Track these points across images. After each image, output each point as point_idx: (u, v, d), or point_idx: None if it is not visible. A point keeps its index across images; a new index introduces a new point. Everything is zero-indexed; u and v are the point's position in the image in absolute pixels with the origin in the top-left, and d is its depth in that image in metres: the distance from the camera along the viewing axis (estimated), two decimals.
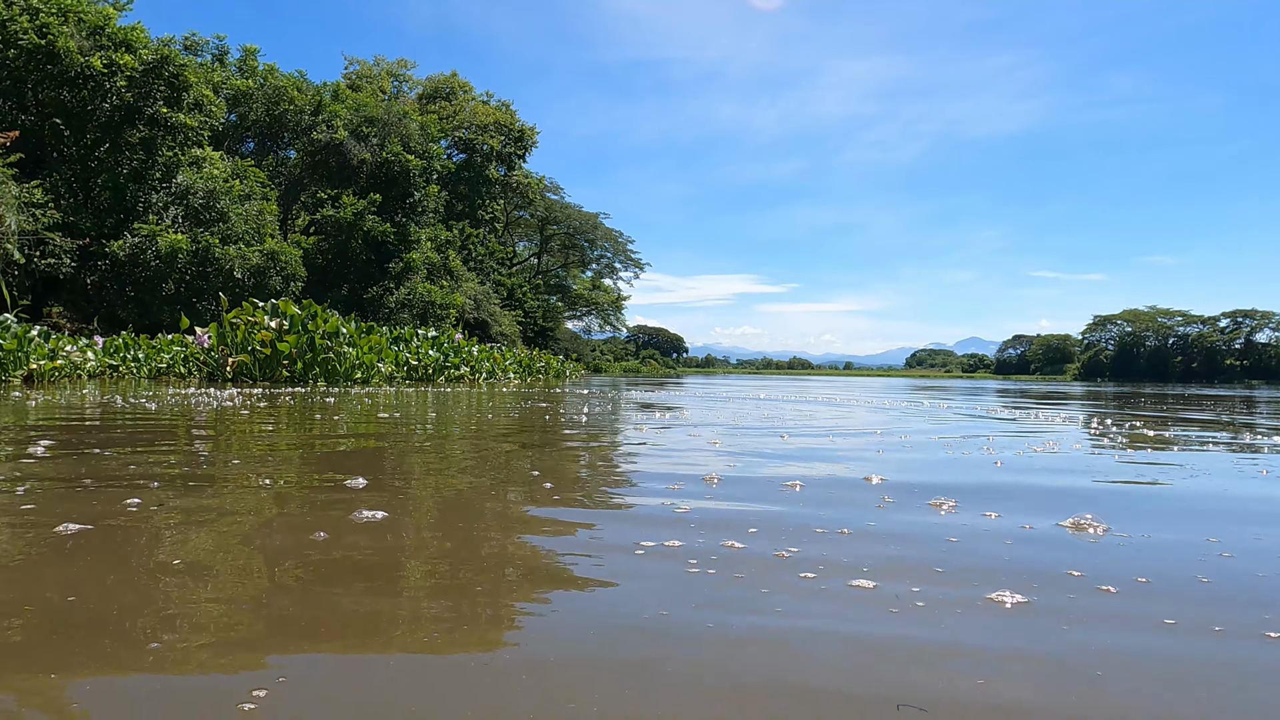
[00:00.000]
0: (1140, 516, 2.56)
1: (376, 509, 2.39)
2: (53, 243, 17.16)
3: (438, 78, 47.16)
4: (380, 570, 1.78)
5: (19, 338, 10.48)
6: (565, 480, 3.15)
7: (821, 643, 1.40)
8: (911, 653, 1.35)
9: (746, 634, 1.41)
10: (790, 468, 3.59)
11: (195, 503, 2.49)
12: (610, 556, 1.93)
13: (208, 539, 2.04)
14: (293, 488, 2.84)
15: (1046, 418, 8.16)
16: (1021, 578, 1.80)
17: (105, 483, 2.83)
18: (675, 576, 1.75)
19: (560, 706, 1.11)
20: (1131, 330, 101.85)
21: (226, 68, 28.67)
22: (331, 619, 1.45)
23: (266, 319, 13.14)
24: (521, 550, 2.01)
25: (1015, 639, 1.43)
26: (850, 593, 1.68)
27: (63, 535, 2.02)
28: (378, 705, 1.11)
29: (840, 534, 2.20)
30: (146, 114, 19.70)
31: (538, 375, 24.98)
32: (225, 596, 1.58)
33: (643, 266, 73.53)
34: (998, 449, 4.57)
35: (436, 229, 34.42)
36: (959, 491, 2.93)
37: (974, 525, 2.34)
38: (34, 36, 18.05)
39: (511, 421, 6.28)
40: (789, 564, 1.89)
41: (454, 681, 1.20)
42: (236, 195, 21.86)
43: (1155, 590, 1.74)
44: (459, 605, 1.55)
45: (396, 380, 15.05)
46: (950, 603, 1.62)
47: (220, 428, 5.09)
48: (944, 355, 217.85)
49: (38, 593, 1.57)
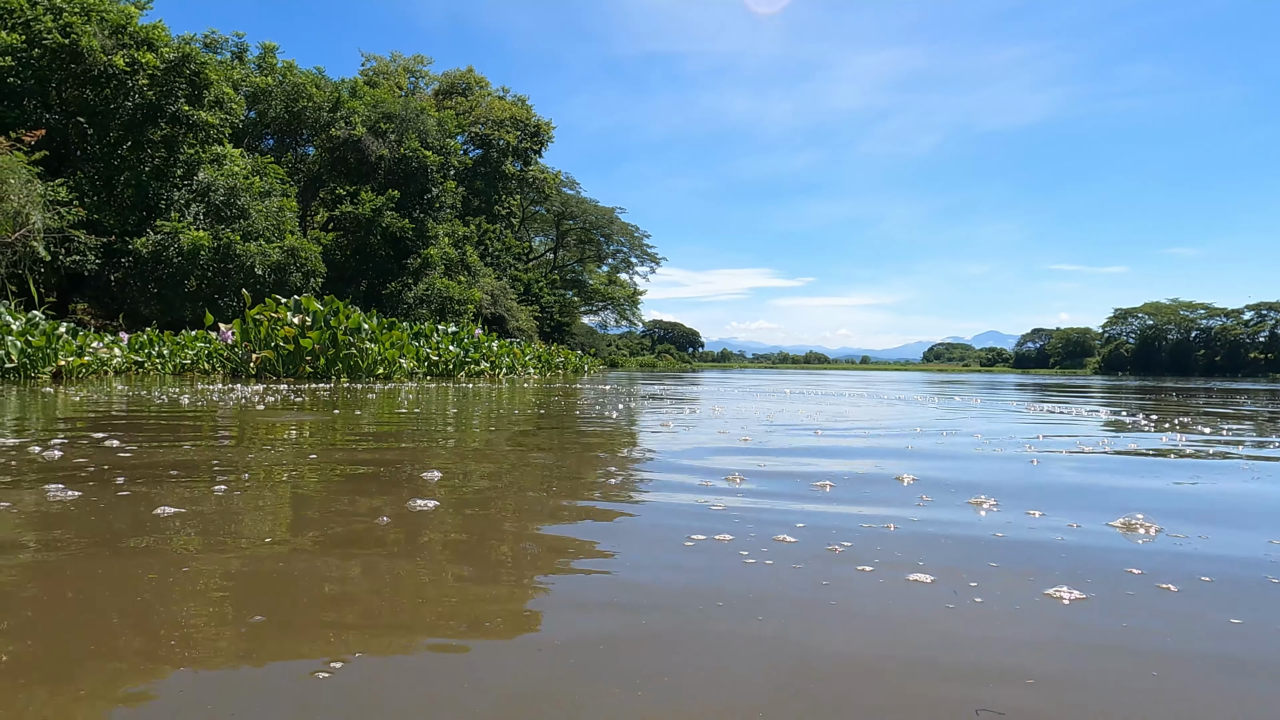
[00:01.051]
0: (1194, 518, 2.50)
1: (430, 499, 2.40)
2: (77, 240, 17.33)
3: (454, 73, 47.25)
4: (426, 548, 1.78)
5: (48, 334, 10.59)
6: (605, 473, 3.14)
7: (885, 631, 1.41)
8: (976, 649, 1.35)
9: (813, 621, 1.40)
10: (821, 464, 3.57)
11: (271, 491, 2.50)
12: (656, 550, 1.91)
13: (288, 522, 2.05)
14: (355, 478, 2.85)
15: (1081, 413, 8.07)
16: (1076, 574, 1.79)
17: (186, 472, 3.01)
18: (732, 570, 1.74)
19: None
20: (1153, 323, 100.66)
21: (246, 65, 28.85)
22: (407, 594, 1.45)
23: (289, 315, 13.22)
24: (563, 541, 2.00)
25: (1076, 635, 1.43)
26: (910, 587, 1.67)
27: (161, 517, 2.22)
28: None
29: (886, 529, 2.19)
30: (168, 112, 19.86)
31: (557, 370, 25.02)
32: (315, 573, 1.58)
33: (658, 261, 73.44)
34: (1040, 447, 4.53)
35: (454, 224, 34.52)
36: (999, 491, 2.91)
37: (1017, 523, 2.31)
38: (58, 36, 18.22)
39: (543, 417, 6.29)
40: (843, 558, 1.89)
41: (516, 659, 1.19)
42: (257, 192, 22.01)
43: (1219, 591, 1.71)
44: (494, 577, 1.55)
45: (418, 376, 15.11)
46: (1008, 598, 1.61)
47: (273, 422, 5.12)
48: (961, 349, 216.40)
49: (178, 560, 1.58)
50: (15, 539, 1.97)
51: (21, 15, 18.32)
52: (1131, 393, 15.95)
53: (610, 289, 70.72)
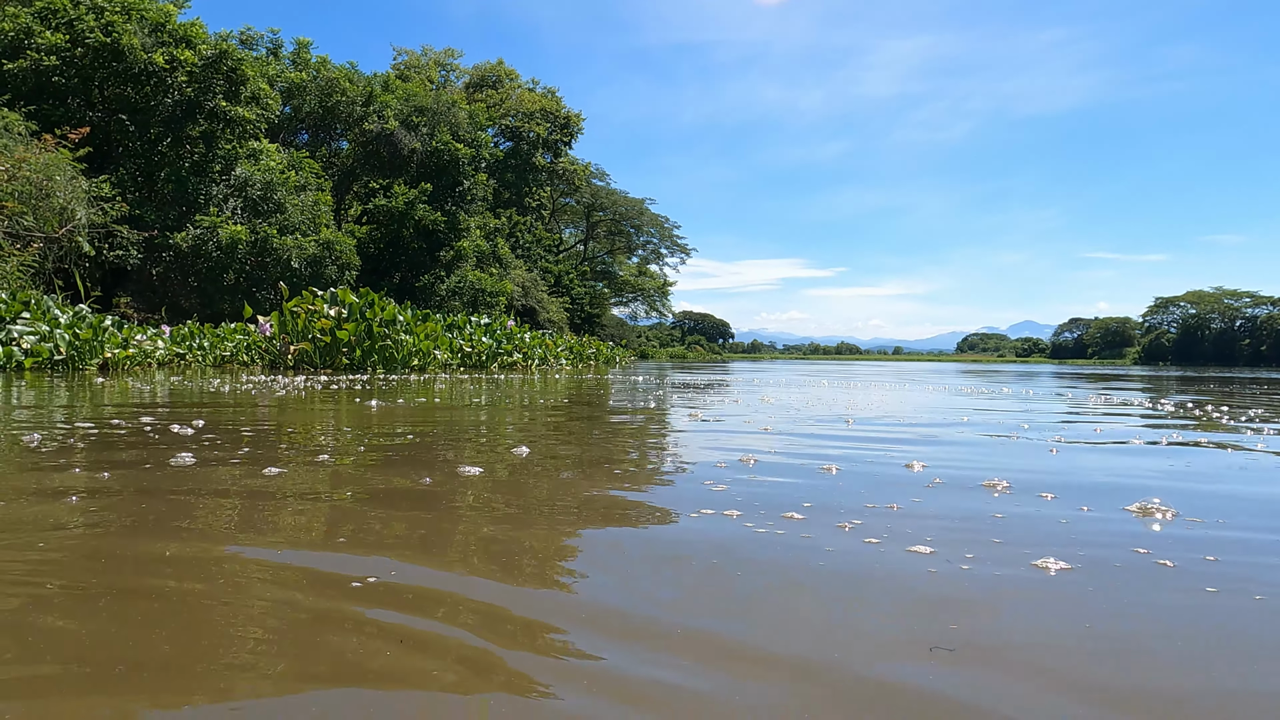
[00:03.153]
0: (1219, 508, 2.38)
1: (476, 466, 2.43)
2: (120, 235, 17.72)
3: (484, 66, 47.45)
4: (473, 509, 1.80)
5: (94, 327, 10.85)
6: (634, 460, 3.14)
7: (870, 587, 1.52)
8: (946, 601, 1.44)
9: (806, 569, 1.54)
10: (843, 448, 3.54)
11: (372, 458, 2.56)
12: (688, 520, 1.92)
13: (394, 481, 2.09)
14: (416, 450, 2.90)
15: (1120, 402, 7.91)
16: (1073, 549, 1.79)
17: (269, 444, 3.24)
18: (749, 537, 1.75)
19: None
20: (1196, 312, 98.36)
21: (281, 61, 29.24)
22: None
23: (326, 307, 13.40)
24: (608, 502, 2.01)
25: (1046, 596, 1.48)
26: (906, 555, 1.73)
27: (269, 476, 2.64)
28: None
29: (891, 509, 2.20)
30: (206, 108, 20.19)
31: (588, 361, 25.10)
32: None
33: (688, 252, 73.29)
34: (1069, 435, 4.45)
35: (485, 217, 34.75)
36: (1016, 476, 2.86)
37: (1029, 505, 2.27)
38: (100, 35, 18.60)
39: (577, 405, 6.32)
40: (851, 533, 1.92)
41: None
42: (292, 186, 22.32)
43: (1216, 569, 1.66)
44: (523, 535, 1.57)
45: (451, 367, 15.25)
46: (995, 565, 1.66)
47: (343, 408, 5.20)
48: (996, 339, 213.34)
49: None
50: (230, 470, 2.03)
51: (65, 15, 18.73)
52: (1179, 382, 15.61)
53: (640, 280, 70.76)
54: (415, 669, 1.09)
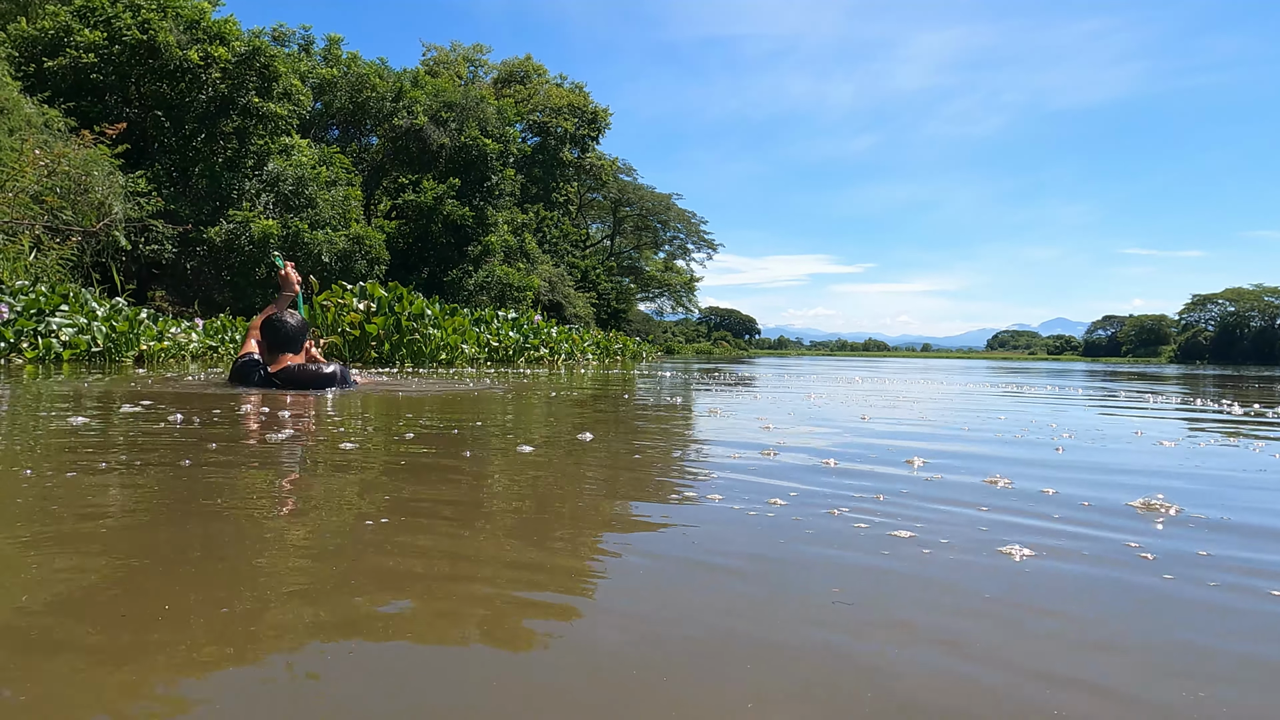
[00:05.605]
0: (1230, 505, 2.22)
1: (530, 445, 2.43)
2: (156, 230, 18.01)
3: (512, 61, 47.62)
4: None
5: (130, 320, 11.05)
6: (641, 458, 3.12)
7: (818, 566, 1.54)
8: (893, 574, 1.48)
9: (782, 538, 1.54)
10: (852, 442, 3.49)
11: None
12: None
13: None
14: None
15: (1150, 397, 7.73)
16: (1051, 539, 1.74)
17: (329, 425, 3.05)
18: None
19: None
20: (1234, 310, 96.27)
21: (312, 57, 29.55)
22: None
23: (355, 301, 13.52)
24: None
25: (988, 578, 1.47)
26: (882, 538, 1.73)
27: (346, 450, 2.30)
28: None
29: (877, 499, 2.17)
30: (239, 104, 20.45)
31: (615, 356, 25.12)
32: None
33: (715, 247, 73.14)
34: (1084, 432, 4.35)
35: (513, 212, 34.88)
36: (1020, 470, 2.79)
37: (1026, 495, 2.21)
38: (136, 32, 18.90)
39: (607, 401, 6.31)
40: (839, 519, 1.91)
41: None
42: (323, 181, 22.55)
43: (1214, 562, 1.58)
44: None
45: (479, 362, 15.33)
46: (965, 551, 1.64)
47: (382, 398, 5.24)
48: (1028, 337, 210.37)
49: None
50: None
51: (103, 13, 19.06)
52: (1215, 382, 15.26)
53: (667, 275, 70.71)
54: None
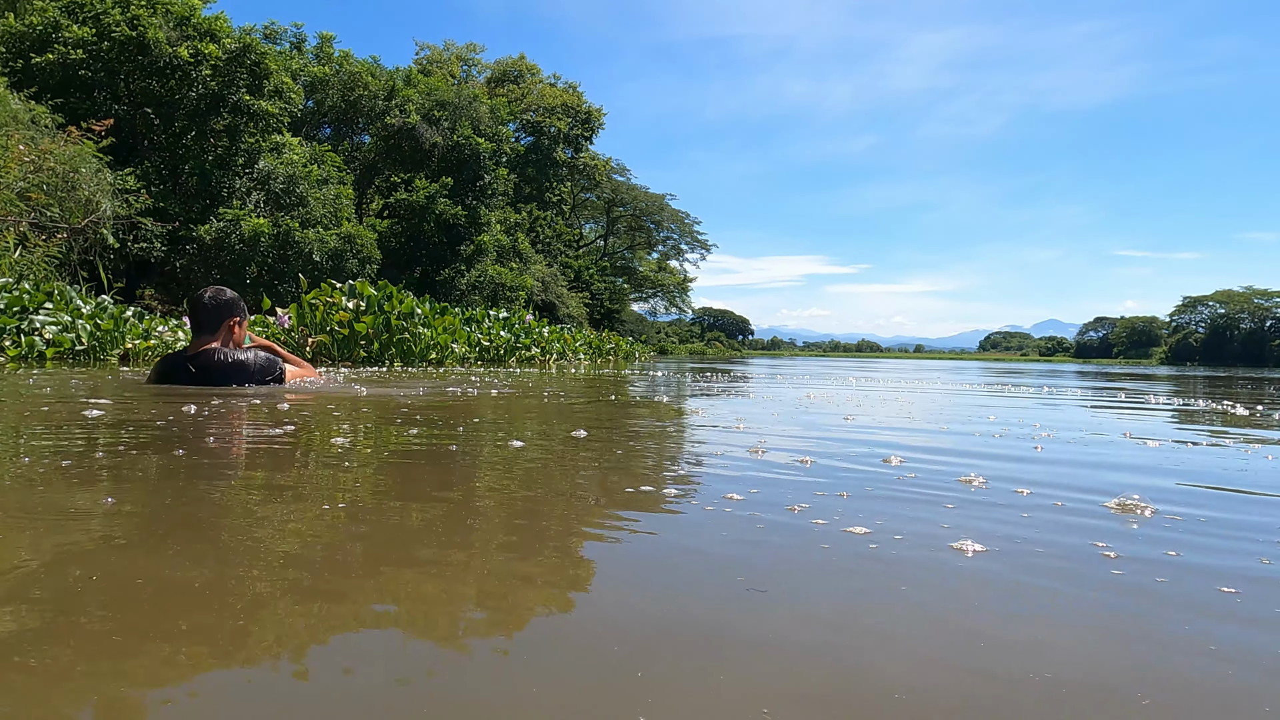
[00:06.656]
0: (1211, 504, 2.16)
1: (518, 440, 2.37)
2: (145, 227, 17.88)
3: (506, 61, 47.55)
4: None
5: (115, 318, 10.93)
6: (640, 457, 3.06)
7: (764, 556, 1.49)
8: (815, 571, 1.42)
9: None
10: (830, 443, 3.43)
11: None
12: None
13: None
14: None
15: (1139, 398, 7.70)
16: (1016, 537, 1.67)
17: (327, 422, 3.05)
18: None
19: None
20: (1225, 312, 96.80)
21: (304, 55, 29.42)
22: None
23: (344, 300, 13.43)
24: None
25: (921, 572, 1.42)
26: (836, 534, 1.67)
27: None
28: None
29: (841, 497, 2.08)
30: (230, 101, 20.33)
31: (607, 357, 25.06)
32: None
33: (709, 248, 73.14)
34: (1067, 433, 4.31)
35: (506, 212, 34.81)
36: (997, 471, 2.74)
37: (997, 495, 2.16)
38: (126, 28, 18.77)
39: (600, 401, 6.25)
40: (801, 514, 1.84)
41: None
42: (315, 180, 22.44)
43: (1185, 563, 1.50)
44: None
45: (469, 361, 15.25)
46: (915, 548, 1.58)
47: (379, 398, 5.17)
48: (1020, 338, 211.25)
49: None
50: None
51: (92, 9, 18.92)
52: (1208, 382, 15.28)
53: (660, 276, 70.70)
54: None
